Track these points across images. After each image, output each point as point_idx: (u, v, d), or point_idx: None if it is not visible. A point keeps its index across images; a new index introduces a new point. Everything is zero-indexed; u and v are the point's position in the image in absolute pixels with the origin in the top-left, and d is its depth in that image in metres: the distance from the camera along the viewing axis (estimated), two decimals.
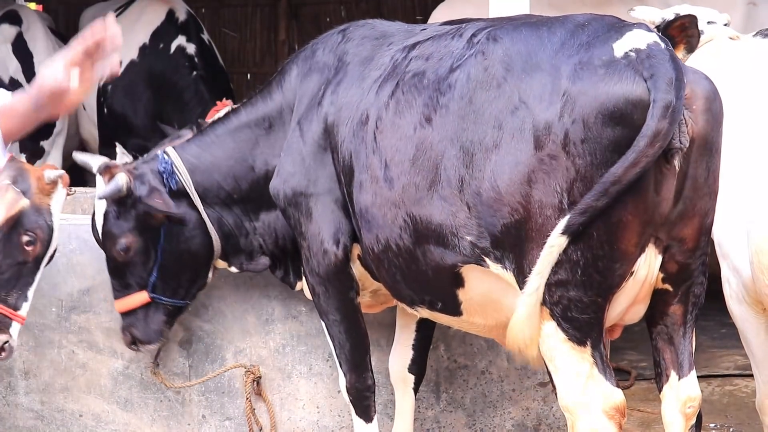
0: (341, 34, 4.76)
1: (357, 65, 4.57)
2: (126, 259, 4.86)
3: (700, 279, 3.95)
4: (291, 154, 4.66)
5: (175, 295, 4.92)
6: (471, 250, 3.97)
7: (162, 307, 4.92)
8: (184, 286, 4.93)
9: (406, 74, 4.25)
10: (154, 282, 4.87)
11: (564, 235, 3.64)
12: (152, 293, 4.88)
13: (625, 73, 3.64)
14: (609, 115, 3.63)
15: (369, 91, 4.39)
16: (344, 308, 4.66)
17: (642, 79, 3.62)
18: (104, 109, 8.05)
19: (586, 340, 3.78)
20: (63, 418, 5.32)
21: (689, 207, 3.79)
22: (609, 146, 3.64)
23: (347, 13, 10.89)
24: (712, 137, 3.78)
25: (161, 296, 4.90)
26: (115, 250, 4.86)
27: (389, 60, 4.44)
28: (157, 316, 4.93)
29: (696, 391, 3.97)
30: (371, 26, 4.75)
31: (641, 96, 3.62)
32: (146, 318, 4.92)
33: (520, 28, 3.95)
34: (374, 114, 4.28)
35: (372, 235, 4.30)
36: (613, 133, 3.64)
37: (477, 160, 3.87)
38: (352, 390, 4.75)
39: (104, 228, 4.87)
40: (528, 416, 5.38)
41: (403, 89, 4.22)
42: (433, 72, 4.15)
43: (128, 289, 4.91)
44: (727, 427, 5.95)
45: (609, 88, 3.64)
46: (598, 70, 3.67)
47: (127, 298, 4.90)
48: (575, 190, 3.68)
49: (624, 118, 3.62)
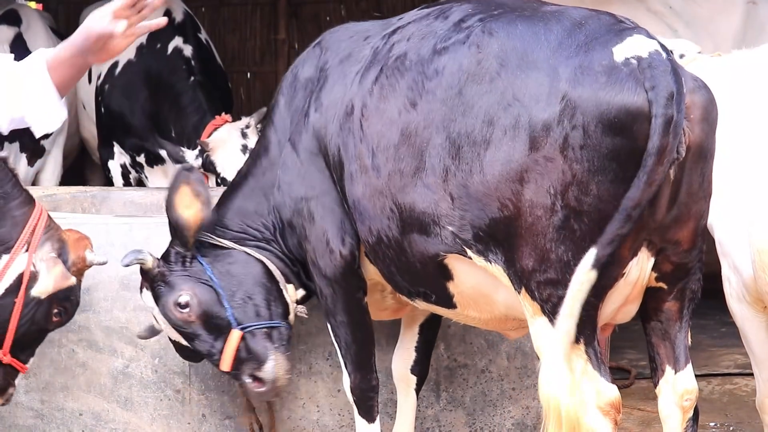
0: (317, 47, 4.76)
1: (337, 66, 4.57)
2: (197, 313, 4.71)
3: (697, 275, 3.95)
4: (287, 168, 4.65)
5: (259, 317, 4.72)
6: (452, 240, 3.97)
7: (257, 332, 4.70)
8: (263, 306, 4.73)
9: (389, 59, 4.24)
10: (234, 314, 4.68)
11: (594, 270, 3.63)
12: (239, 325, 4.68)
13: (627, 83, 3.64)
14: (609, 124, 3.63)
15: (352, 84, 4.38)
16: (352, 309, 4.64)
17: (643, 89, 3.62)
18: (102, 108, 8.05)
19: (579, 337, 3.77)
20: (63, 417, 5.32)
21: (684, 211, 3.79)
22: (607, 155, 3.64)
23: (347, 12, 10.88)
24: (707, 145, 3.79)
25: (247, 324, 4.69)
26: (180, 313, 4.71)
27: (369, 50, 4.43)
28: (257, 340, 4.69)
29: (693, 384, 3.97)
30: (345, 28, 4.77)
31: (641, 107, 3.62)
32: (248, 348, 4.69)
33: (515, 22, 3.92)
34: (359, 103, 4.27)
35: (365, 227, 4.30)
36: (612, 142, 3.64)
37: (464, 152, 3.87)
38: (357, 390, 4.74)
39: (159, 304, 4.76)
40: (528, 415, 5.38)
41: (387, 73, 4.20)
42: (415, 53, 4.13)
43: (220, 343, 4.70)
44: (726, 426, 5.95)
45: (611, 97, 3.63)
46: (600, 77, 3.66)
47: (226, 349, 4.68)
48: (569, 194, 3.67)
49: (624, 128, 3.63)
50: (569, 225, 3.70)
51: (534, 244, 3.75)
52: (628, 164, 3.64)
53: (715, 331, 7.53)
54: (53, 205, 6.17)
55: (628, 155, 3.63)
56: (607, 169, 3.64)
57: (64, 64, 3.42)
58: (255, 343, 4.69)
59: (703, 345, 7.14)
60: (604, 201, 3.66)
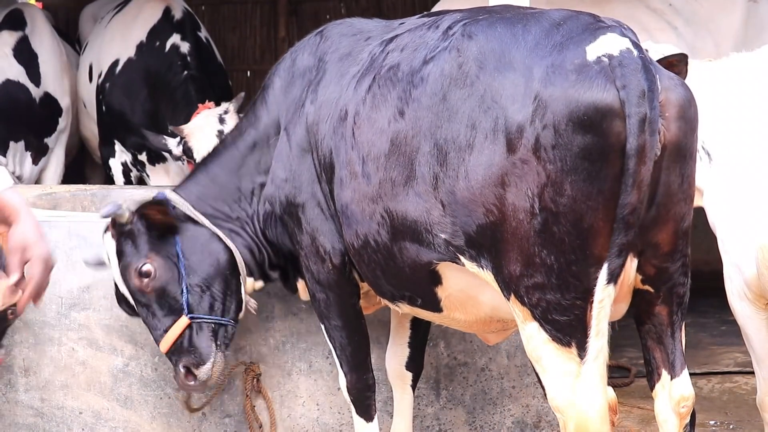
0: (319, 35, 4.75)
1: (336, 62, 4.56)
2: (154, 286, 4.71)
3: (682, 280, 3.91)
4: (281, 160, 4.64)
5: (212, 310, 4.74)
6: (445, 248, 3.96)
7: (204, 326, 4.72)
8: (219, 299, 4.75)
9: (382, 68, 4.24)
10: (188, 300, 4.70)
11: (610, 284, 3.63)
12: (190, 314, 4.70)
13: (596, 81, 3.62)
14: (579, 122, 3.62)
15: (348, 87, 4.38)
16: (346, 314, 4.64)
17: (613, 86, 3.60)
18: (103, 106, 8.05)
19: (570, 340, 3.75)
20: (63, 416, 5.32)
21: (663, 213, 3.76)
22: (579, 153, 3.63)
23: (347, 10, 10.87)
24: (685, 144, 3.75)
25: (200, 314, 4.71)
26: (139, 281, 4.71)
27: (367, 55, 4.42)
28: (203, 335, 4.72)
29: (689, 390, 3.95)
30: (349, 24, 4.75)
31: (611, 104, 3.61)
32: (191, 340, 4.71)
33: (495, 24, 3.91)
34: (352, 109, 4.27)
35: (352, 230, 4.29)
36: (583, 140, 3.62)
37: (451, 158, 3.86)
38: (353, 390, 4.74)
39: (121, 264, 4.75)
40: (528, 413, 5.38)
41: (379, 83, 4.20)
42: (407, 64, 4.13)
43: (167, 322, 4.72)
44: (726, 424, 5.95)
45: (579, 95, 3.62)
46: (570, 76, 3.65)
47: (169, 333, 4.70)
48: (545, 195, 3.66)
49: (594, 125, 3.61)
50: (549, 227, 3.68)
51: (519, 248, 3.73)
52: (600, 163, 3.62)
53: (715, 330, 7.53)
54: (53, 204, 6.17)
55: (600, 153, 3.62)
56: (580, 169, 3.63)
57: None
58: (199, 338, 4.71)
59: (704, 343, 7.14)
60: (578, 201, 3.64)
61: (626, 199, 3.59)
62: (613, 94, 3.60)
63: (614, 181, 3.62)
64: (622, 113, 3.59)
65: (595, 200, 3.63)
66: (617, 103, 3.60)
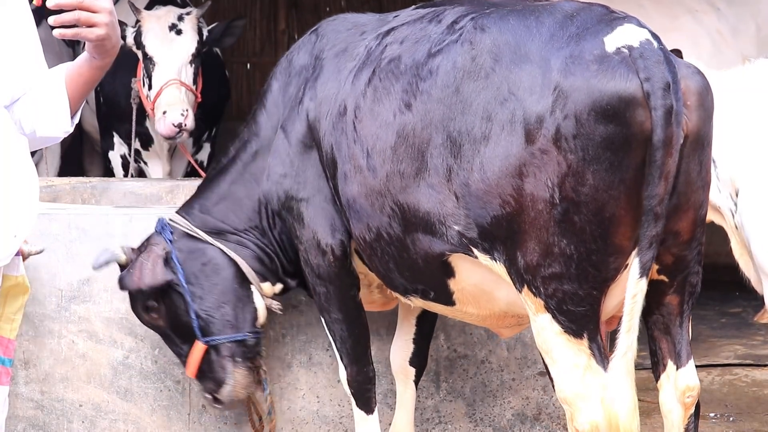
0: (314, 34, 4.76)
1: (332, 58, 4.56)
2: (163, 318, 4.77)
3: (696, 268, 3.94)
4: (279, 156, 4.63)
5: (226, 329, 4.74)
6: (459, 240, 3.96)
7: (221, 347, 4.74)
8: (231, 316, 4.75)
9: (381, 61, 4.23)
10: (199, 325, 4.71)
11: (642, 278, 3.64)
12: (204, 338, 4.72)
13: (618, 70, 3.64)
14: (602, 112, 3.63)
15: (345, 82, 4.37)
16: (346, 307, 4.64)
17: (636, 76, 3.62)
18: (101, 98, 8.04)
19: (582, 332, 3.78)
20: (63, 408, 5.32)
21: (683, 201, 3.78)
22: (601, 143, 3.64)
23: (347, 3, 10.86)
24: (704, 132, 3.79)
25: (214, 336, 4.72)
26: (148, 316, 4.82)
27: (363, 49, 4.42)
28: (220, 357, 4.75)
29: (695, 380, 3.97)
30: (343, 19, 4.75)
31: (634, 94, 3.62)
32: (210, 364, 4.75)
33: (507, 17, 3.92)
34: (352, 104, 4.27)
35: (362, 224, 4.28)
36: (605, 130, 3.64)
37: (465, 150, 3.86)
38: (353, 383, 4.74)
39: (129, 300, 4.86)
40: (528, 405, 5.38)
41: (380, 76, 4.20)
42: (410, 57, 4.13)
43: (186, 348, 4.77)
44: (726, 417, 5.95)
45: (602, 84, 3.64)
46: (591, 66, 3.67)
47: (189, 359, 4.75)
48: (566, 185, 3.67)
49: (617, 115, 3.63)
50: (569, 217, 3.70)
51: (537, 238, 3.74)
52: (622, 152, 3.64)
53: (715, 322, 7.53)
54: (53, 196, 6.16)
55: (622, 143, 3.63)
56: (602, 158, 3.64)
57: (74, 72, 3.35)
58: (217, 361, 4.74)
59: (703, 336, 7.14)
60: (600, 190, 3.66)
61: (654, 190, 3.60)
62: (636, 84, 3.62)
63: (636, 170, 3.64)
64: (645, 103, 3.60)
65: (617, 189, 3.65)
66: (640, 93, 3.61)
